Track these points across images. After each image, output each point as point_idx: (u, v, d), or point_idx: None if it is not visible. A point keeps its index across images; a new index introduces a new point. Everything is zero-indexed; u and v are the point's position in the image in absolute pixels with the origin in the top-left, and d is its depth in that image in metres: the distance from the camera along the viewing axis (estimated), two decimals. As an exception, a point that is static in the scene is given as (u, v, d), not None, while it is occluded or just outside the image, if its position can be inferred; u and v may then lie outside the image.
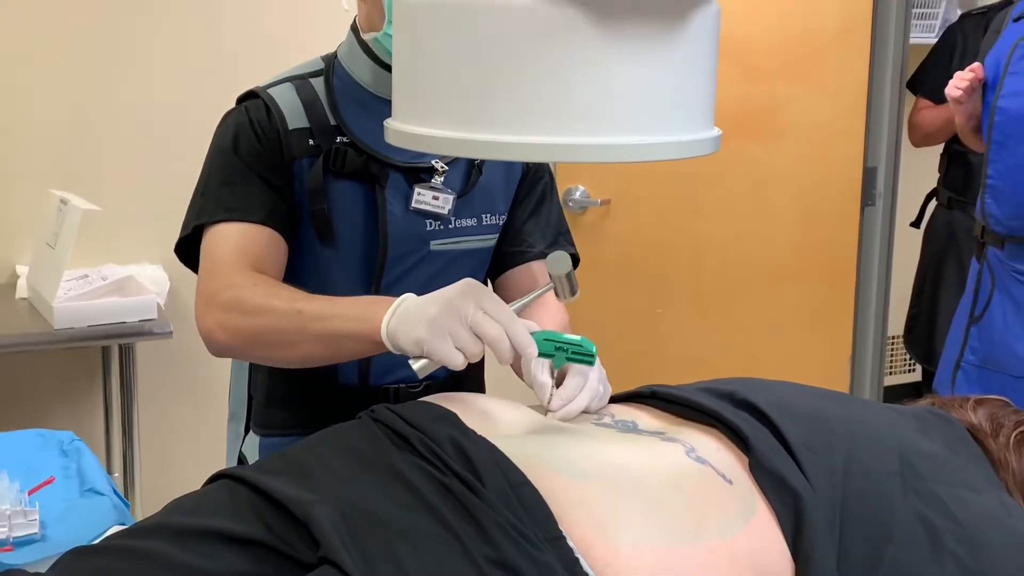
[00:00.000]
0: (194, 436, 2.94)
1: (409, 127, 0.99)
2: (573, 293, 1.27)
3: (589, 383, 1.25)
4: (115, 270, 2.64)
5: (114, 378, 2.74)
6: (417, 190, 1.48)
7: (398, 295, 1.27)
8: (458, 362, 1.15)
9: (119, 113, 2.80)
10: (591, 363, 1.22)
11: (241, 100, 1.52)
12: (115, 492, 1.55)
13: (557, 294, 1.27)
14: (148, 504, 2.66)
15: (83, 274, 2.61)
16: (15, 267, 2.76)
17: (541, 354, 1.18)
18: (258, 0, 2.87)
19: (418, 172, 1.49)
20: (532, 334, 1.16)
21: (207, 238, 1.44)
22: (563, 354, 1.20)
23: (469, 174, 1.53)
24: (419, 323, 1.17)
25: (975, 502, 1.10)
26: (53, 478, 1.53)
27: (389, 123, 1.04)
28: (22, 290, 2.66)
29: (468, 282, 1.19)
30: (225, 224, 1.42)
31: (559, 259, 1.25)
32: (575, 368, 1.24)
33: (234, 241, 1.41)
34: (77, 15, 2.73)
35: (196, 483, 1.13)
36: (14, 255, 2.77)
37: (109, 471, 2.71)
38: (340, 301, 1.31)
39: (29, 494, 1.46)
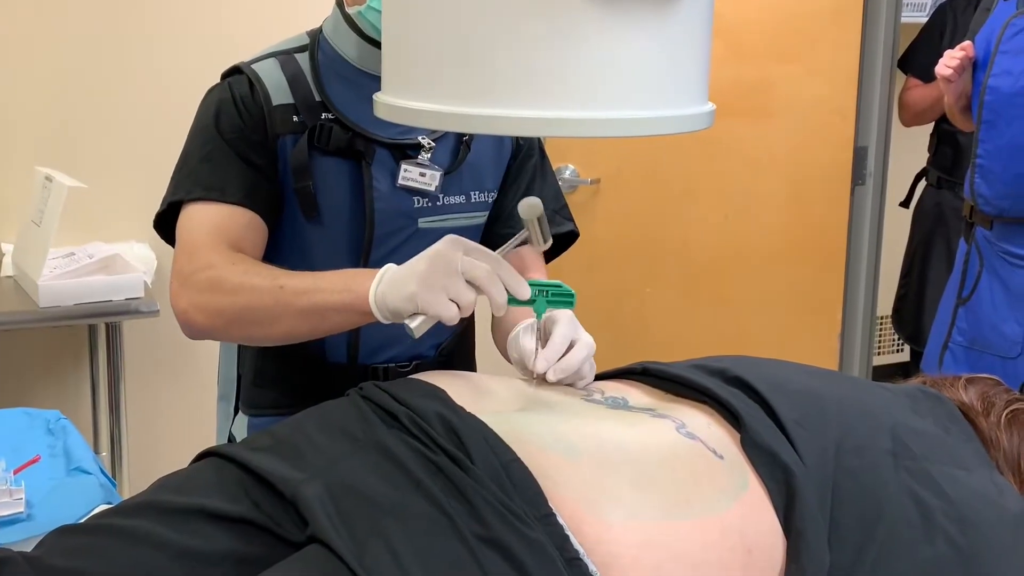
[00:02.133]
0: (181, 414, 2.93)
1: (399, 101, 0.98)
2: (546, 240, 1.27)
3: (581, 339, 1.25)
4: (101, 248, 2.62)
5: (101, 357, 2.72)
6: (404, 166, 1.46)
7: None
8: (452, 313, 1.15)
9: (105, 90, 2.77)
10: (571, 304, 1.22)
11: (225, 76, 1.50)
12: (102, 471, 1.54)
13: (531, 241, 1.26)
14: (135, 483, 2.65)
15: (69, 252, 2.59)
16: (0, 245, 2.74)
17: (520, 300, 1.18)
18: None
19: (405, 148, 1.47)
20: None
21: (183, 216, 1.42)
22: (543, 299, 1.21)
23: (457, 150, 1.52)
24: (410, 279, 1.17)
25: (966, 480, 1.10)
26: (39, 457, 1.52)
27: (378, 97, 1.02)
28: (7, 268, 2.64)
29: (452, 236, 1.20)
30: (202, 203, 1.40)
31: (531, 204, 1.24)
32: (559, 329, 1.24)
33: (211, 221, 1.39)
34: (62, -10, 2.70)
35: (183, 462, 1.12)
36: (-1, 233, 2.75)
37: (96, 450, 2.70)
38: (322, 275, 1.30)
39: (15, 473, 1.45)
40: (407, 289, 1.17)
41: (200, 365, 2.83)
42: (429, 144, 1.48)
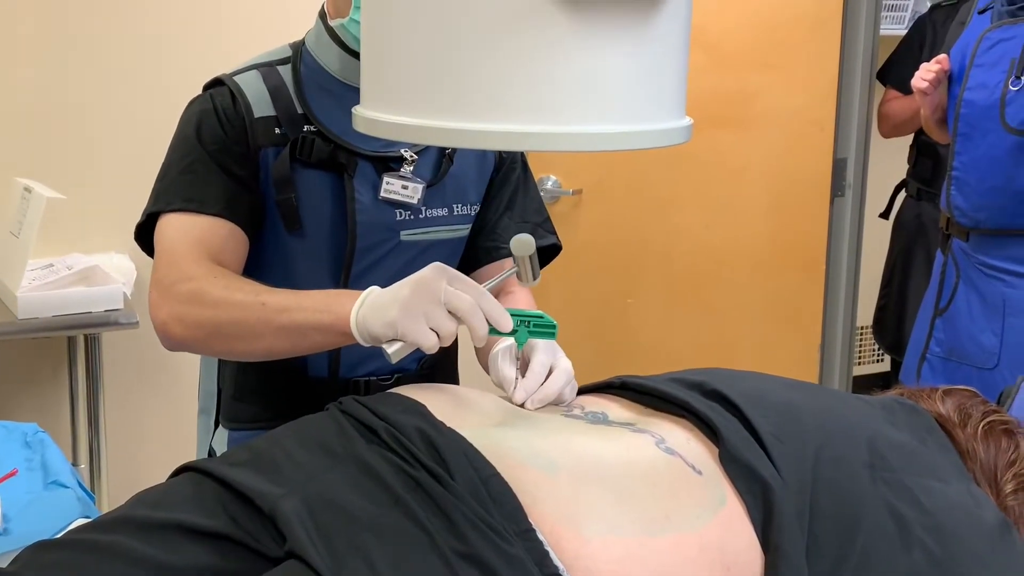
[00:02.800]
0: (161, 427, 2.91)
1: (378, 114, 0.98)
2: (535, 277, 1.27)
3: (559, 366, 1.24)
4: (81, 259, 2.61)
5: (80, 369, 2.71)
6: (386, 179, 1.46)
7: (367, 286, 1.26)
8: (431, 342, 1.16)
9: (85, 100, 2.76)
10: (553, 335, 1.22)
11: (207, 87, 1.50)
12: (80, 484, 1.53)
13: (520, 277, 1.27)
14: (114, 496, 2.64)
15: (48, 263, 2.57)
16: (-22, 256, 2.72)
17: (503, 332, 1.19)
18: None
19: (387, 161, 1.47)
20: None
21: (163, 227, 1.41)
22: (525, 329, 1.21)
23: (439, 163, 1.52)
24: (392, 305, 1.17)
25: (943, 492, 1.11)
26: (16, 470, 1.51)
27: (358, 110, 1.02)
28: (-15, 279, 2.62)
29: (437, 265, 1.19)
30: (183, 215, 1.40)
31: (522, 241, 1.25)
32: (538, 357, 1.24)
33: (192, 232, 1.39)
34: (40, 1, 2.69)
35: (163, 474, 1.12)
36: (-23, 244, 2.73)
37: (75, 463, 2.68)
38: (305, 294, 1.30)
39: (-9, 487, 1.44)
40: (388, 315, 1.17)
41: (179, 377, 2.81)
42: (411, 157, 1.48)
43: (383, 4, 0.95)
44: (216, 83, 1.48)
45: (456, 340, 1.63)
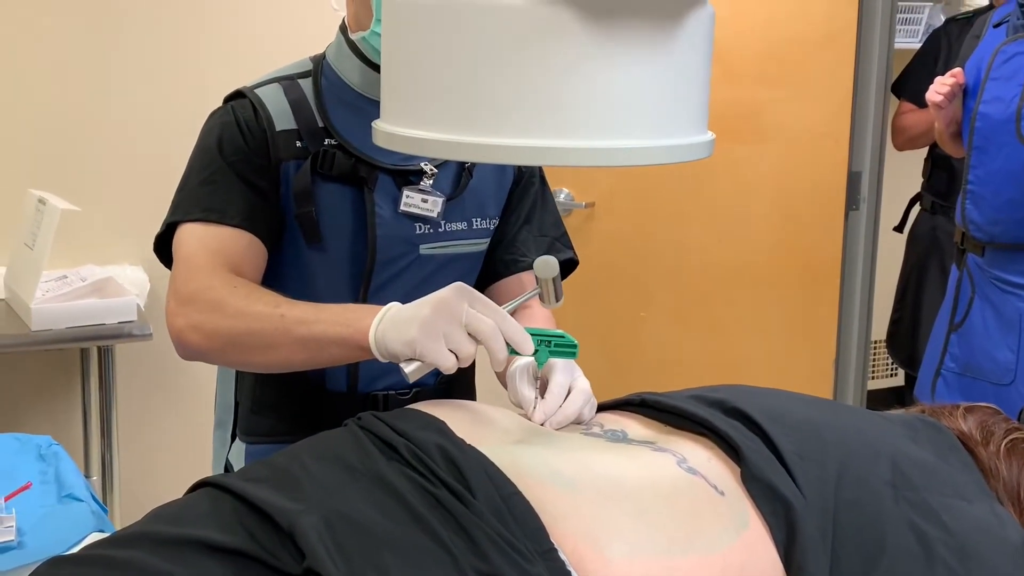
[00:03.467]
0: (174, 439, 2.91)
1: (398, 129, 0.97)
2: (558, 299, 1.27)
3: (577, 386, 1.23)
4: (94, 271, 2.61)
5: (93, 381, 2.71)
6: (406, 192, 1.46)
7: (386, 299, 1.26)
8: (450, 364, 1.15)
9: (99, 113, 2.76)
10: (574, 355, 1.22)
11: (228, 99, 1.49)
12: (93, 498, 1.53)
13: (542, 299, 1.26)
14: (127, 508, 2.64)
15: (62, 275, 2.58)
16: (-8, 267, 2.73)
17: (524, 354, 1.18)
18: (248, 8, 2.84)
19: (407, 175, 1.47)
20: None
21: (182, 236, 1.41)
22: (546, 349, 1.20)
23: (459, 177, 1.51)
24: (411, 324, 1.16)
25: (966, 511, 1.09)
26: (30, 484, 1.51)
27: (377, 124, 1.02)
28: (0, 291, 2.62)
29: (459, 285, 1.18)
30: (202, 224, 1.39)
31: (547, 263, 1.25)
32: (556, 378, 1.23)
33: (211, 242, 1.38)
34: (57, 14, 2.70)
35: (176, 487, 1.11)
36: (-9, 255, 2.74)
37: (87, 475, 2.68)
38: (324, 307, 1.29)
39: (5, 500, 1.43)
40: (408, 334, 1.16)
41: (192, 390, 2.81)
42: (431, 171, 1.47)
43: (403, 19, 0.95)
44: (237, 95, 1.48)
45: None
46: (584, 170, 3.03)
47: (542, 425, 1.20)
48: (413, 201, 1.46)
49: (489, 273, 1.58)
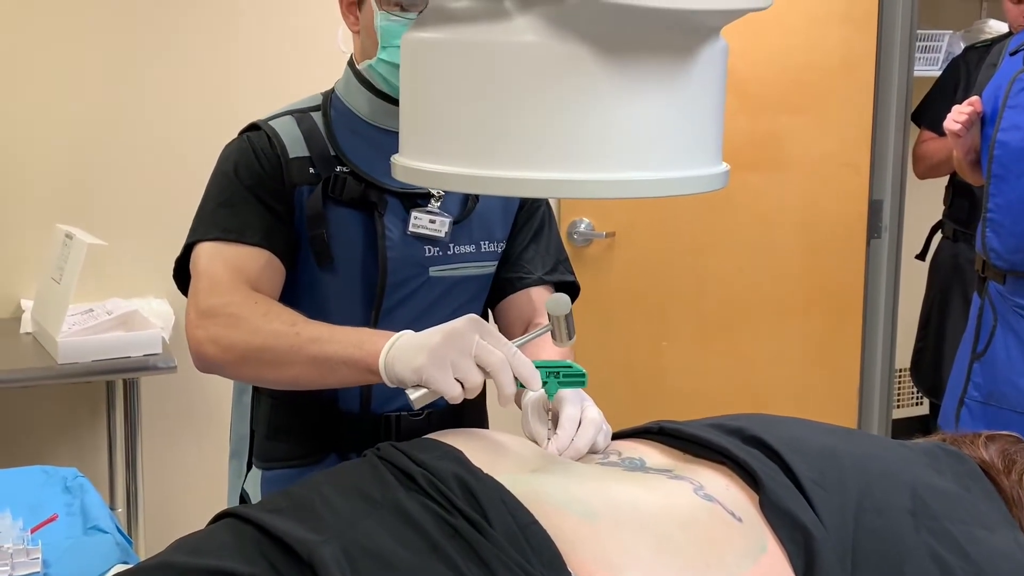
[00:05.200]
0: (198, 471, 2.92)
1: (417, 163, 0.99)
2: (571, 336, 1.27)
3: (587, 417, 1.24)
4: (120, 304, 2.64)
5: (118, 413, 2.73)
6: (414, 214, 1.50)
7: (397, 320, 1.31)
8: (455, 393, 1.16)
9: (124, 150, 2.80)
10: (583, 384, 1.23)
11: (243, 132, 1.55)
12: (118, 529, 1.54)
13: (554, 336, 1.27)
14: (151, 540, 2.65)
15: (88, 308, 2.61)
16: (20, 301, 2.76)
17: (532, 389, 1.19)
18: (263, 38, 2.89)
19: (415, 198, 1.51)
20: None
21: (201, 254, 1.45)
22: (555, 380, 1.21)
23: (466, 200, 1.56)
24: (420, 351, 1.18)
25: (988, 540, 1.09)
26: (56, 516, 1.52)
27: (396, 159, 1.03)
28: (27, 324, 2.65)
29: (472, 317, 1.20)
30: (221, 243, 1.44)
31: (559, 301, 1.26)
32: (566, 411, 1.24)
33: (230, 260, 1.43)
34: (83, 50, 2.75)
35: (200, 518, 1.12)
36: (19, 289, 2.77)
37: (112, 506, 2.70)
38: (339, 328, 1.33)
39: (32, 532, 1.45)
40: (416, 361, 1.17)
41: (217, 421, 2.83)
42: (438, 194, 1.52)
43: (421, 57, 0.97)
44: (252, 128, 1.54)
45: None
46: (603, 200, 3.04)
47: (560, 456, 1.20)
48: (421, 222, 1.50)
49: (497, 291, 1.62)
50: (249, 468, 1.62)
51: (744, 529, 1.03)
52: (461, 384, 1.16)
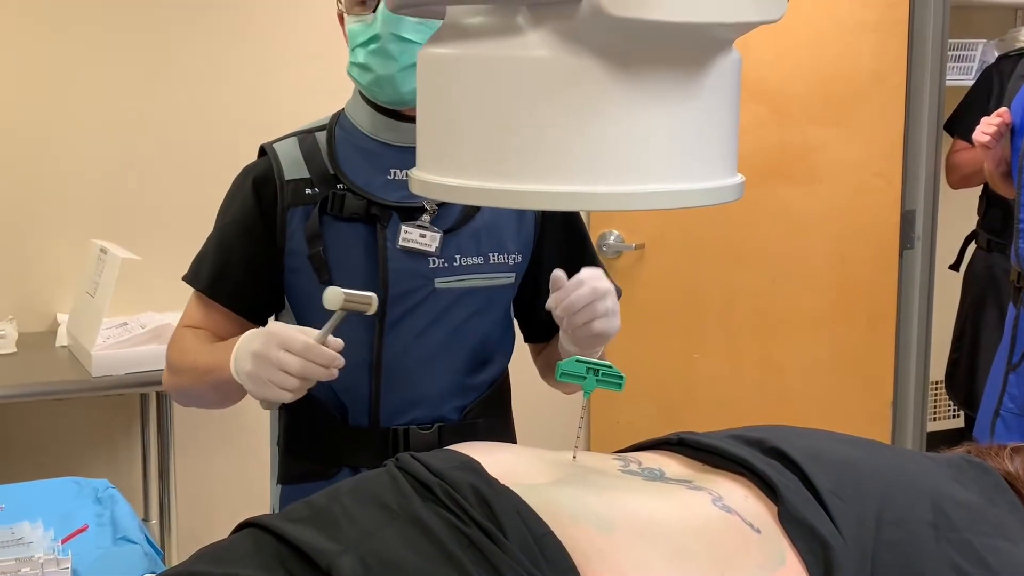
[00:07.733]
0: (230, 483, 2.95)
1: (433, 177, 1.00)
2: (374, 306, 1.37)
3: (590, 280, 1.41)
4: (154, 318, 2.68)
5: (152, 425, 2.77)
6: (404, 228, 1.52)
7: (404, 333, 1.43)
8: (287, 398, 1.38)
9: (158, 164, 2.85)
10: (620, 387, 1.23)
11: (260, 153, 1.62)
12: (148, 540, 1.56)
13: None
14: (184, 551, 2.67)
15: (122, 322, 2.64)
16: (56, 315, 2.80)
17: (570, 376, 1.21)
18: (298, 54, 2.92)
19: (412, 211, 1.53)
20: (566, 359, 1.22)
21: (189, 303, 1.65)
22: (594, 377, 1.22)
23: (464, 211, 1.57)
24: (243, 379, 1.39)
25: (1011, 552, 1.07)
26: (87, 526, 1.55)
27: (413, 173, 1.05)
28: (62, 338, 2.70)
29: (269, 331, 1.38)
30: (200, 297, 1.61)
31: (330, 296, 1.34)
32: (576, 277, 1.43)
33: (197, 317, 1.61)
34: (119, 67, 2.79)
35: (232, 530, 1.13)
36: (55, 303, 2.81)
37: (146, 518, 2.73)
38: (220, 348, 1.48)
39: (62, 542, 1.47)
40: (245, 388, 1.41)
41: (249, 434, 2.86)
42: (432, 208, 1.53)
43: (436, 72, 0.98)
44: (261, 151, 1.61)
45: (508, 390, 1.65)
46: (632, 212, 3.04)
47: (556, 313, 1.37)
48: (411, 236, 1.53)
49: (545, 327, 1.65)
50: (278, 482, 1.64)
51: (762, 541, 1.03)
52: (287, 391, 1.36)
